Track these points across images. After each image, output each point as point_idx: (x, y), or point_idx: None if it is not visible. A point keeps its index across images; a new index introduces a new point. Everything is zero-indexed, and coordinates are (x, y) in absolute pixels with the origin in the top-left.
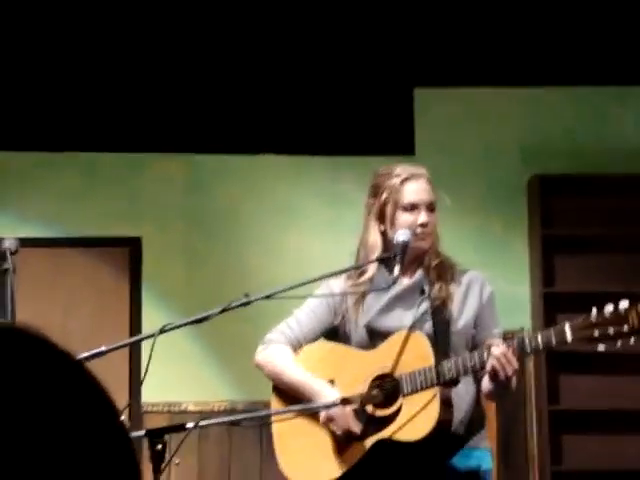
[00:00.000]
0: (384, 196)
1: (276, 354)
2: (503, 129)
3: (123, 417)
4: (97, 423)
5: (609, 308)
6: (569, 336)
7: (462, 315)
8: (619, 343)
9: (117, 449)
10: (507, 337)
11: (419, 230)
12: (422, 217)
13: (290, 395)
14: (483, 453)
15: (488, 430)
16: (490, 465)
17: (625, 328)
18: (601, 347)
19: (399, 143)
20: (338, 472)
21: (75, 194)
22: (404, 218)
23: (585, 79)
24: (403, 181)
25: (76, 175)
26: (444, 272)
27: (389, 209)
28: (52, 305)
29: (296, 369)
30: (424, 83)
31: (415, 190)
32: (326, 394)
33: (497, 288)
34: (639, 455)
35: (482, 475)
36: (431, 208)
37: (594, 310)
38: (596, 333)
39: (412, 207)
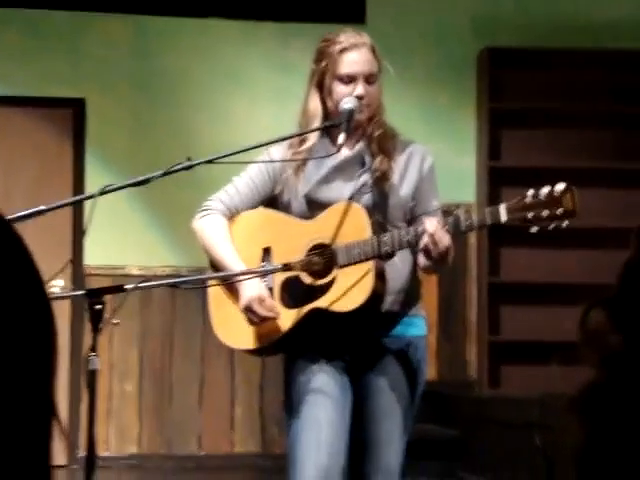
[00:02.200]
0: (323, 64)
1: (209, 226)
2: (456, 0)
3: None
4: (11, 274)
5: (545, 190)
6: (503, 217)
7: (401, 187)
8: (552, 226)
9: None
10: (448, 211)
11: (356, 102)
12: (359, 89)
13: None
14: (419, 320)
15: (428, 301)
16: (424, 332)
17: (559, 211)
18: (534, 229)
19: (350, 11)
20: (271, 338)
21: (17, 52)
22: (340, 89)
23: None
24: (342, 50)
25: (18, 32)
26: (386, 143)
27: (327, 78)
28: None
29: (226, 247)
30: None
31: (353, 61)
32: (248, 285)
33: (443, 161)
34: (574, 327)
35: (415, 341)
36: (370, 80)
37: (530, 191)
38: (530, 215)
39: (349, 78)
